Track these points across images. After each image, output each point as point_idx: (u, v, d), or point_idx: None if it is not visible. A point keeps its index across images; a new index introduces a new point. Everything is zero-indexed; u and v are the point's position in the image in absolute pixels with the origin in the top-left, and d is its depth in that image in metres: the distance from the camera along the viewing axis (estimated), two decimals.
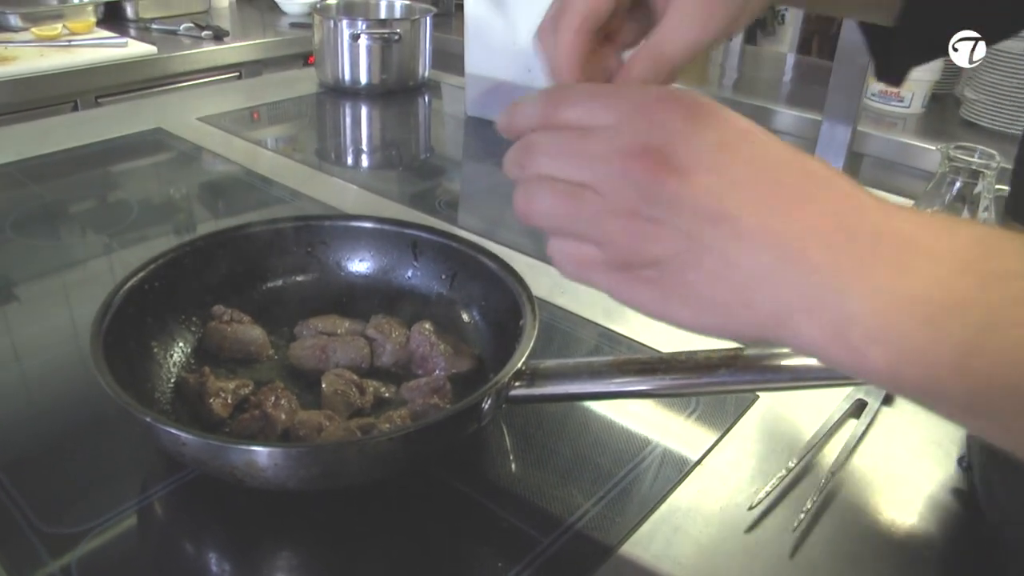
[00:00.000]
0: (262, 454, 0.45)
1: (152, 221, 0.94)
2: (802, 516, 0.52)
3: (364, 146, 1.33)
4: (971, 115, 1.57)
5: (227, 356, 0.62)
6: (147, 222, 0.94)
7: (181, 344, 0.63)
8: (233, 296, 0.67)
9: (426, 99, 1.51)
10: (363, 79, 1.44)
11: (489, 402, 0.51)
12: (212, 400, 0.55)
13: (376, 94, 1.46)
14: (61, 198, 0.99)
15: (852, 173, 1.16)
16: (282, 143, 1.24)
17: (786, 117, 1.63)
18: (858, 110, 1.09)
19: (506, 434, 0.59)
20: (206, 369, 0.58)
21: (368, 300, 0.70)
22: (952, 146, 0.85)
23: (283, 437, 0.54)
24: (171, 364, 0.61)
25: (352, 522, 0.51)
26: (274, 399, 0.55)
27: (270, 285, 0.70)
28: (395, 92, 1.47)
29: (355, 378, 0.59)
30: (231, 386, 0.57)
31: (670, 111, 0.32)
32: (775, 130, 1.65)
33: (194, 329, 0.64)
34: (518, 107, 0.37)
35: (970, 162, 0.83)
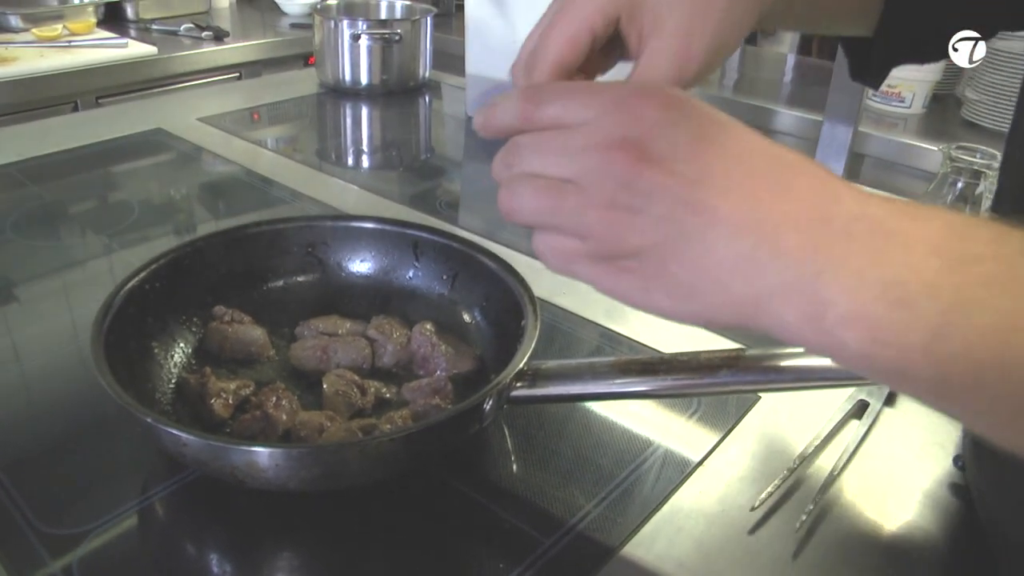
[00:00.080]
0: (263, 455, 0.45)
1: (152, 222, 0.94)
2: (804, 517, 0.52)
3: (365, 146, 1.33)
4: (972, 115, 1.57)
5: (228, 356, 0.62)
6: (147, 222, 0.93)
7: (182, 344, 0.63)
8: (234, 296, 0.67)
9: (427, 99, 1.51)
10: (364, 79, 1.44)
11: (491, 403, 0.51)
12: (213, 401, 0.55)
13: (377, 94, 1.46)
14: (61, 198, 0.99)
15: (853, 173, 1.16)
16: (282, 143, 1.24)
17: (787, 118, 1.63)
18: (859, 110, 1.09)
19: (507, 435, 0.59)
20: (207, 369, 0.58)
21: (369, 300, 0.69)
22: (954, 146, 0.85)
23: (284, 438, 0.54)
24: (172, 364, 0.61)
25: (354, 523, 0.51)
26: (275, 400, 0.55)
27: (271, 285, 0.70)
28: (396, 92, 1.47)
29: (356, 379, 0.59)
30: (232, 387, 0.57)
31: (646, 104, 0.33)
32: (776, 131, 1.65)
33: (195, 329, 0.64)
34: (495, 106, 0.37)
35: (972, 162, 0.83)
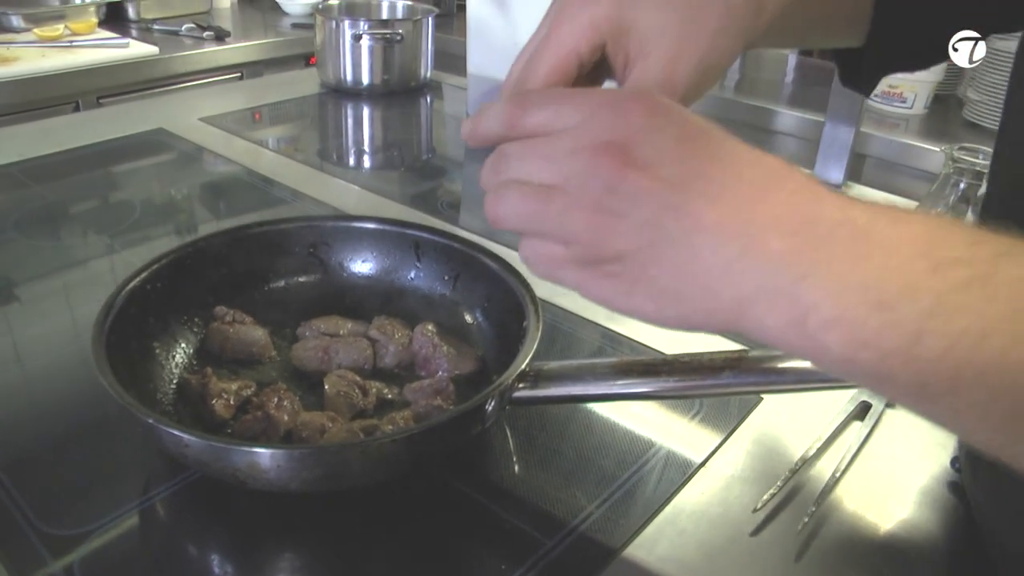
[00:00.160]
0: (265, 456, 0.45)
1: (154, 222, 0.94)
2: (807, 519, 0.52)
3: (366, 147, 1.33)
4: (973, 116, 1.57)
5: (229, 357, 0.62)
6: (148, 222, 0.93)
7: (183, 345, 0.63)
8: (235, 297, 0.67)
9: (428, 100, 1.51)
10: (365, 79, 1.44)
11: (493, 404, 0.51)
12: (214, 401, 0.55)
13: (378, 95, 1.46)
14: (63, 198, 0.99)
15: (855, 174, 1.16)
16: (284, 143, 1.24)
17: (788, 118, 1.63)
18: (861, 111, 1.09)
19: (509, 436, 0.59)
20: (208, 370, 0.58)
21: (371, 301, 0.69)
22: (956, 147, 0.85)
23: (286, 438, 0.54)
24: (173, 365, 0.60)
25: (356, 524, 0.51)
26: (276, 400, 0.55)
27: (272, 286, 0.70)
28: (397, 93, 1.47)
29: (358, 379, 0.59)
30: (233, 387, 0.57)
31: (631, 109, 0.33)
32: (777, 131, 1.65)
33: (196, 330, 0.64)
34: (482, 114, 0.38)
35: (974, 163, 0.83)
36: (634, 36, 0.42)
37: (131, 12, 2.14)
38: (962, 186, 0.85)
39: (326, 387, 0.58)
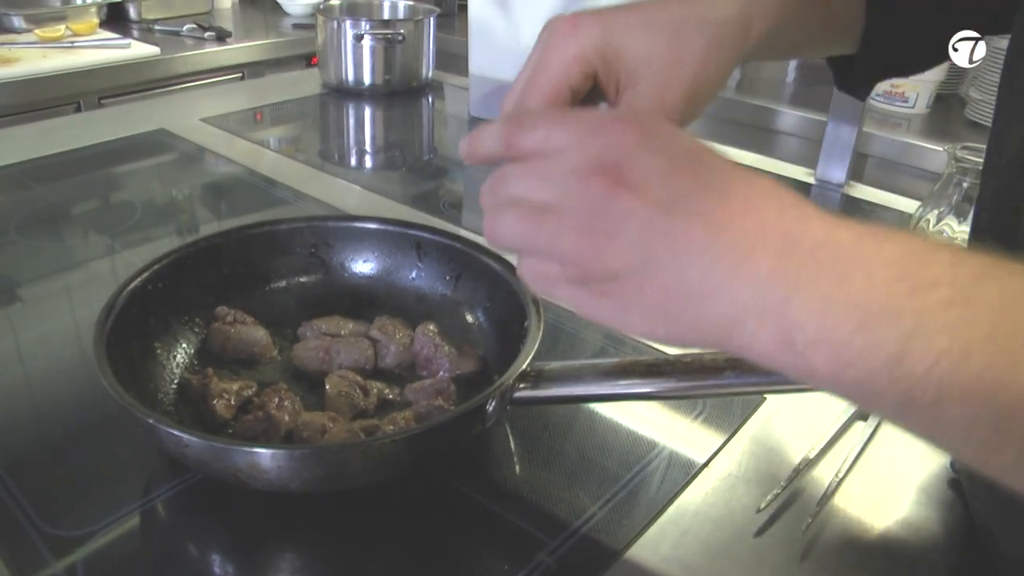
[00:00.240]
0: (265, 456, 0.44)
1: (155, 222, 0.94)
2: (810, 520, 0.52)
3: (367, 147, 1.33)
4: (976, 115, 1.57)
5: (230, 357, 0.62)
6: (150, 223, 0.93)
7: (184, 345, 0.62)
8: (236, 297, 0.66)
9: (429, 100, 1.51)
10: (366, 80, 1.44)
11: (494, 404, 0.50)
12: (215, 401, 0.55)
13: (379, 95, 1.46)
14: (64, 199, 0.99)
15: (857, 174, 1.16)
16: (285, 144, 1.24)
17: (790, 117, 1.63)
18: (863, 111, 1.08)
19: (512, 436, 0.59)
20: (209, 370, 0.58)
21: (372, 301, 0.69)
22: (959, 147, 0.84)
23: (287, 439, 0.53)
24: (174, 365, 0.60)
25: (357, 524, 0.51)
26: (277, 400, 0.54)
27: (274, 286, 0.70)
28: (398, 93, 1.47)
29: (359, 379, 0.59)
30: (234, 387, 0.57)
31: (622, 131, 0.34)
32: (779, 131, 1.65)
33: (197, 330, 0.64)
34: (479, 134, 0.39)
35: (977, 163, 0.82)
36: (623, 63, 0.43)
37: (132, 12, 2.14)
38: (965, 185, 0.84)
39: (327, 387, 0.57)
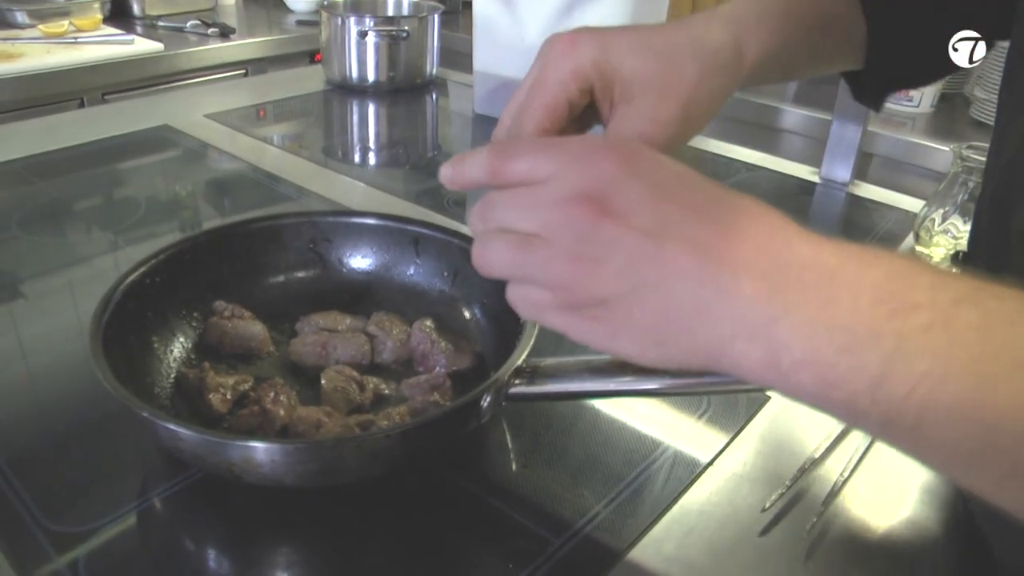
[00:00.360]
0: (259, 450, 0.44)
1: (158, 218, 0.94)
2: (816, 519, 0.52)
3: (371, 144, 1.32)
4: (980, 115, 1.56)
5: (228, 352, 0.62)
6: (153, 219, 0.93)
7: (182, 339, 0.62)
8: (234, 292, 0.66)
9: (433, 97, 1.50)
10: (370, 76, 1.44)
11: (488, 399, 0.50)
12: (211, 396, 0.55)
13: (383, 91, 1.46)
14: (67, 195, 0.99)
15: (861, 173, 1.15)
16: (289, 140, 1.24)
17: (795, 116, 1.62)
18: (868, 109, 1.08)
19: (516, 434, 0.59)
20: (206, 364, 0.58)
21: (370, 297, 0.69)
22: (964, 146, 0.84)
23: (282, 433, 0.53)
24: (171, 359, 0.60)
25: (355, 520, 0.51)
26: (273, 395, 0.54)
27: (272, 281, 0.69)
28: (402, 90, 1.47)
29: (355, 375, 0.58)
30: (231, 382, 0.57)
31: (607, 159, 0.35)
32: (783, 129, 1.64)
33: (195, 324, 0.64)
34: (464, 160, 0.39)
35: (982, 162, 0.82)
36: (618, 81, 0.44)
37: (136, 9, 2.15)
38: (970, 185, 0.84)
39: (323, 382, 0.57)
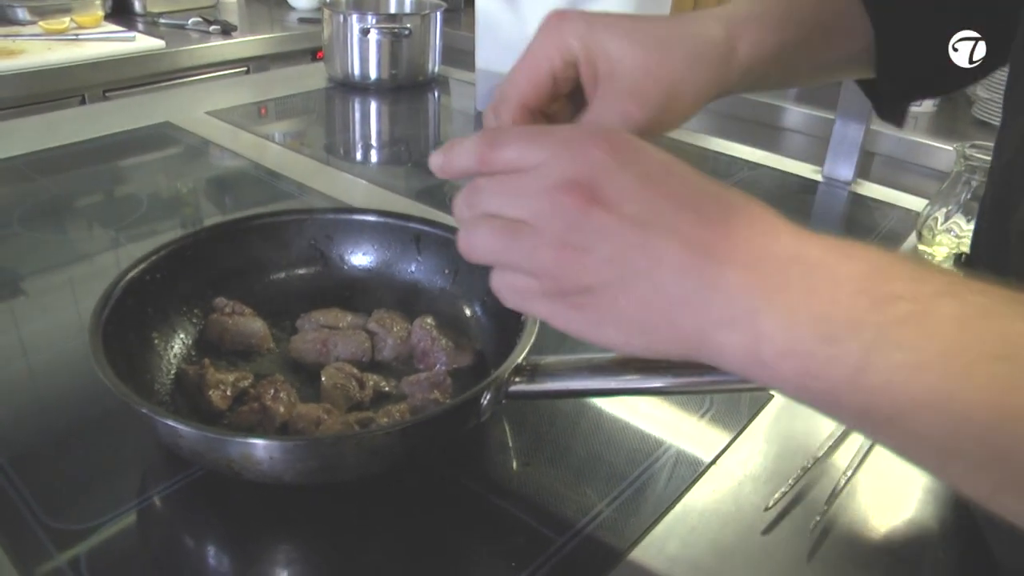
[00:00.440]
0: (258, 447, 0.44)
1: (159, 215, 0.94)
2: (819, 518, 0.51)
3: (373, 141, 1.32)
4: (983, 114, 1.55)
5: (228, 348, 0.62)
6: (154, 216, 0.93)
7: (182, 336, 0.62)
8: (235, 288, 0.66)
9: (435, 94, 1.50)
10: (372, 74, 1.44)
11: (488, 397, 0.50)
12: (211, 392, 0.55)
13: (385, 89, 1.46)
14: (68, 192, 0.99)
15: (863, 171, 1.15)
16: (290, 138, 1.24)
17: (797, 115, 1.62)
18: (871, 108, 1.07)
19: (517, 432, 0.58)
20: (206, 361, 0.57)
21: (370, 294, 0.69)
22: (967, 144, 0.84)
23: (281, 430, 0.53)
24: (171, 356, 0.60)
25: (354, 518, 0.50)
26: (273, 392, 0.54)
27: (272, 278, 0.69)
28: (404, 87, 1.47)
29: (355, 372, 0.58)
30: (231, 378, 0.56)
31: (595, 147, 0.35)
32: (786, 128, 1.64)
33: (195, 321, 0.64)
34: (453, 148, 0.39)
35: (986, 161, 0.82)
36: (603, 59, 0.44)
37: (137, 6, 2.14)
38: (973, 184, 0.84)
39: (323, 379, 0.57)
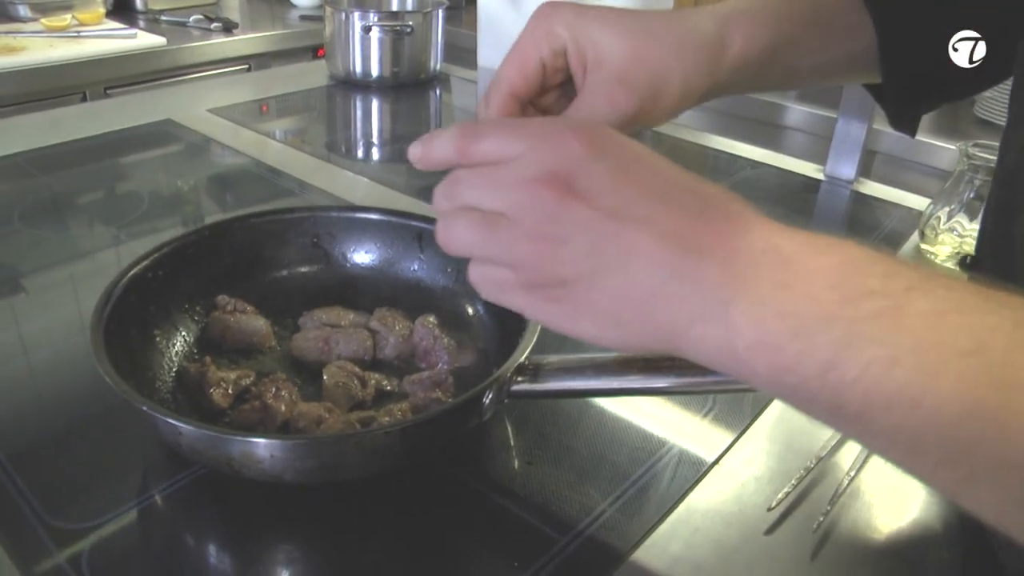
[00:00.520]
0: (258, 445, 0.44)
1: (161, 213, 0.94)
2: (822, 518, 0.51)
3: (374, 139, 1.32)
4: (985, 113, 1.55)
5: (230, 346, 0.62)
6: (156, 214, 0.93)
7: (184, 333, 0.62)
8: (237, 286, 0.66)
9: (437, 93, 1.50)
10: (374, 72, 1.43)
11: (490, 397, 0.50)
12: (213, 390, 0.55)
13: (387, 87, 1.45)
14: (69, 189, 0.99)
15: (865, 170, 1.15)
16: (291, 135, 1.23)
17: (799, 113, 1.61)
18: (873, 107, 1.07)
19: (520, 432, 0.58)
20: (208, 359, 0.57)
21: (373, 292, 0.69)
22: (970, 143, 0.83)
23: (283, 429, 0.53)
24: (173, 353, 0.60)
25: (361, 518, 0.50)
26: (274, 390, 0.54)
27: (275, 275, 0.69)
28: (406, 85, 1.47)
29: (357, 370, 0.58)
30: (232, 376, 0.56)
31: (573, 139, 0.35)
32: (788, 127, 1.63)
33: (197, 318, 0.64)
34: (432, 140, 0.39)
35: (989, 160, 0.81)
36: (591, 47, 0.45)
37: (139, 3, 2.13)
38: (976, 183, 0.83)
39: (324, 378, 0.57)
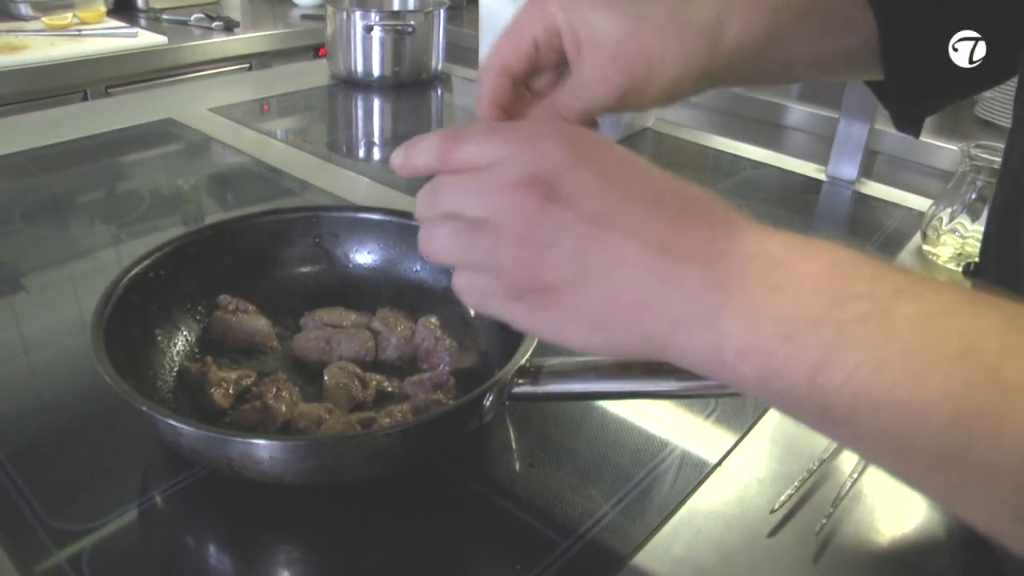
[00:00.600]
0: (257, 446, 0.44)
1: (161, 212, 0.94)
2: (824, 520, 0.51)
3: (376, 139, 1.32)
4: (986, 113, 1.55)
5: (231, 346, 0.62)
6: (156, 213, 0.93)
7: (185, 333, 0.62)
8: (239, 286, 0.66)
9: (438, 92, 1.50)
10: (375, 71, 1.43)
11: (491, 399, 0.50)
12: (213, 390, 0.55)
13: (388, 86, 1.45)
14: (70, 188, 0.99)
15: (866, 170, 1.15)
16: (292, 134, 1.23)
17: (800, 114, 1.61)
18: (875, 107, 1.07)
19: (521, 433, 0.58)
20: (209, 359, 0.57)
21: (375, 293, 0.69)
22: (972, 144, 0.83)
23: (283, 429, 0.53)
24: (174, 353, 0.60)
25: (361, 520, 0.50)
26: (275, 391, 0.54)
27: (277, 275, 0.69)
28: (407, 85, 1.47)
29: (358, 371, 0.58)
30: (233, 376, 0.56)
31: (555, 143, 0.35)
32: (789, 127, 1.63)
33: (199, 318, 0.63)
34: (413, 145, 0.39)
35: (991, 161, 0.81)
36: (585, 26, 0.44)
37: (140, 1, 2.13)
38: (979, 184, 0.83)
39: (325, 379, 0.57)
